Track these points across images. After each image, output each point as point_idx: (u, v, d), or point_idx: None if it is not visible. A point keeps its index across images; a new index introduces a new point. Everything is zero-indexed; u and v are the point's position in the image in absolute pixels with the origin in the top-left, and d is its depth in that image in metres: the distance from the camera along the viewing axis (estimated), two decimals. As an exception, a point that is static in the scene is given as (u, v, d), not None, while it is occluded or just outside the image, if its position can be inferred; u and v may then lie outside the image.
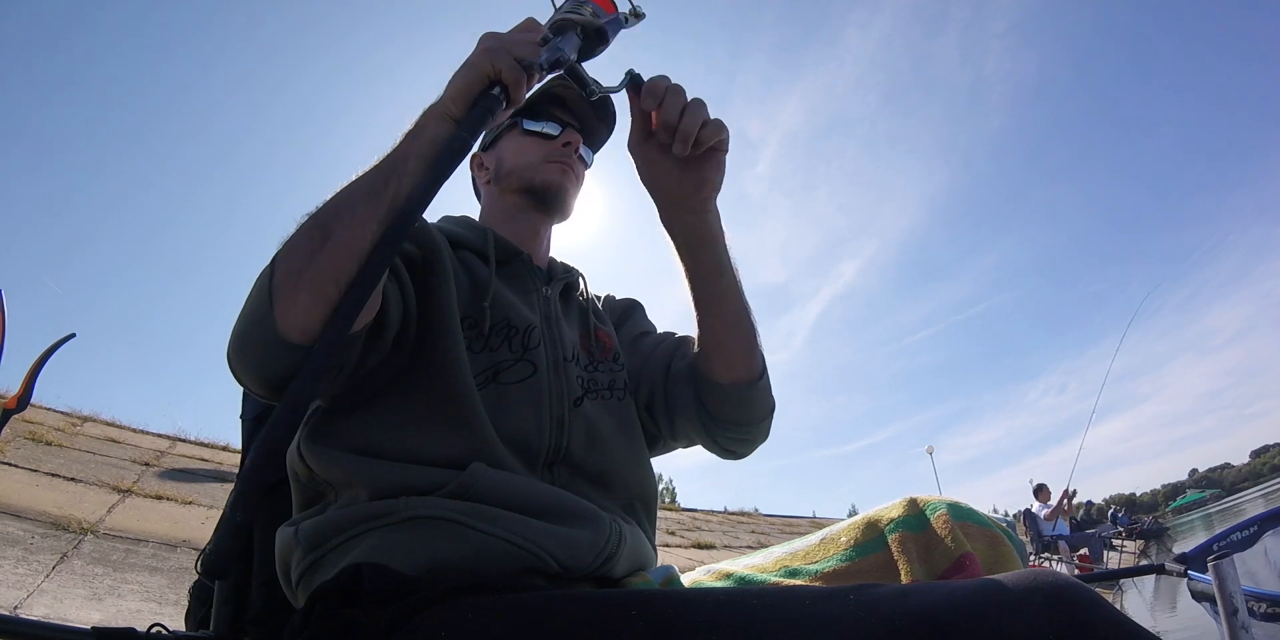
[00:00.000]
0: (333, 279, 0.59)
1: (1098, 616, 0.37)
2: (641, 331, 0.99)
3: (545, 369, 0.78)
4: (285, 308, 0.58)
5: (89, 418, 5.68)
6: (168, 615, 2.33)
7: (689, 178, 0.76)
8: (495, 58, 0.64)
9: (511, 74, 0.64)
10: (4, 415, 0.96)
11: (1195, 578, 1.40)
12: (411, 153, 0.64)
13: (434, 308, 0.74)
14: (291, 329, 0.58)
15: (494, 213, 0.94)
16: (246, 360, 0.60)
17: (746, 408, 0.84)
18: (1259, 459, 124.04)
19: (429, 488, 0.66)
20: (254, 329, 0.59)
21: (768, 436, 0.89)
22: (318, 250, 0.59)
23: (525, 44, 0.66)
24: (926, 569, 0.70)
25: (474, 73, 0.65)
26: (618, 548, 0.70)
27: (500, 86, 0.65)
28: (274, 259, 0.61)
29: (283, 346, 0.58)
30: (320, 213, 0.62)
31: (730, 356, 0.82)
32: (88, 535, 2.94)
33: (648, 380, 0.90)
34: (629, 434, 0.84)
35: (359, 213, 0.61)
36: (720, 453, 0.90)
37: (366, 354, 0.68)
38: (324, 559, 0.66)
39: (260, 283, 0.60)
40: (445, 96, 0.66)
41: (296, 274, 0.59)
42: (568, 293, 0.93)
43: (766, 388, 0.85)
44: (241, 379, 0.62)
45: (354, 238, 0.60)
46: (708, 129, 0.71)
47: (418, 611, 0.53)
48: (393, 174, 0.63)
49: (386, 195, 0.62)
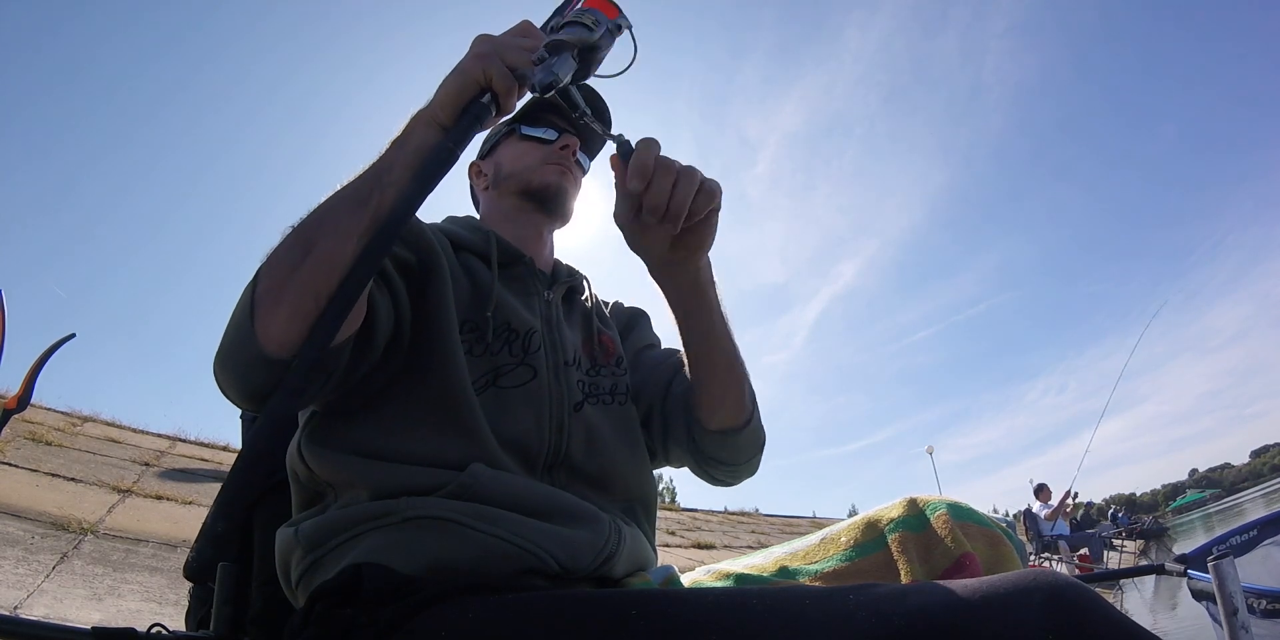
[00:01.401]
0: (312, 294, 0.58)
1: (1098, 616, 0.37)
2: (646, 344, 0.99)
3: (545, 373, 0.78)
4: (265, 323, 0.58)
5: (89, 418, 5.68)
6: (168, 615, 2.32)
7: (681, 243, 0.73)
8: (487, 64, 0.63)
9: (503, 82, 0.63)
10: (4, 415, 0.96)
11: (1195, 577, 1.40)
12: (397, 162, 0.63)
13: (431, 313, 0.74)
14: (271, 343, 0.57)
15: (494, 217, 0.94)
16: (229, 374, 0.60)
17: (734, 451, 0.85)
18: (1259, 459, 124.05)
19: (429, 488, 0.66)
20: (236, 343, 0.59)
21: (755, 472, 0.90)
22: (299, 264, 0.59)
23: (518, 50, 0.65)
24: (926, 569, 0.70)
25: (464, 79, 0.64)
26: (617, 548, 0.70)
27: (491, 94, 0.64)
28: (258, 271, 0.61)
29: (262, 361, 0.58)
30: (304, 224, 0.62)
31: (717, 405, 0.82)
32: (88, 535, 2.94)
33: (646, 399, 0.90)
34: (629, 438, 0.84)
35: (341, 225, 0.60)
36: (709, 481, 0.91)
37: (355, 363, 0.68)
38: (324, 559, 0.66)
39: (244, 295, 0.60)
40: (434, 102, 0.65)
41: (278, 288, 0.59)
42: (571, 296, 0.93)
43: (754, 431, 0.86)
44: (225, 391, 0.62)
45: (335, 252, 0.59)
46: (700, 199, 0.68)
47: (418, 612, 0.53)
48: (376, 184, 0.62)
49: (369, 206, 0.61)
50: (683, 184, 0.67)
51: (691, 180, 0.67)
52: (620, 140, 0.71)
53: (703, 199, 0.68)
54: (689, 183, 0.67)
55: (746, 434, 0.84)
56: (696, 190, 0.67)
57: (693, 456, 0.87)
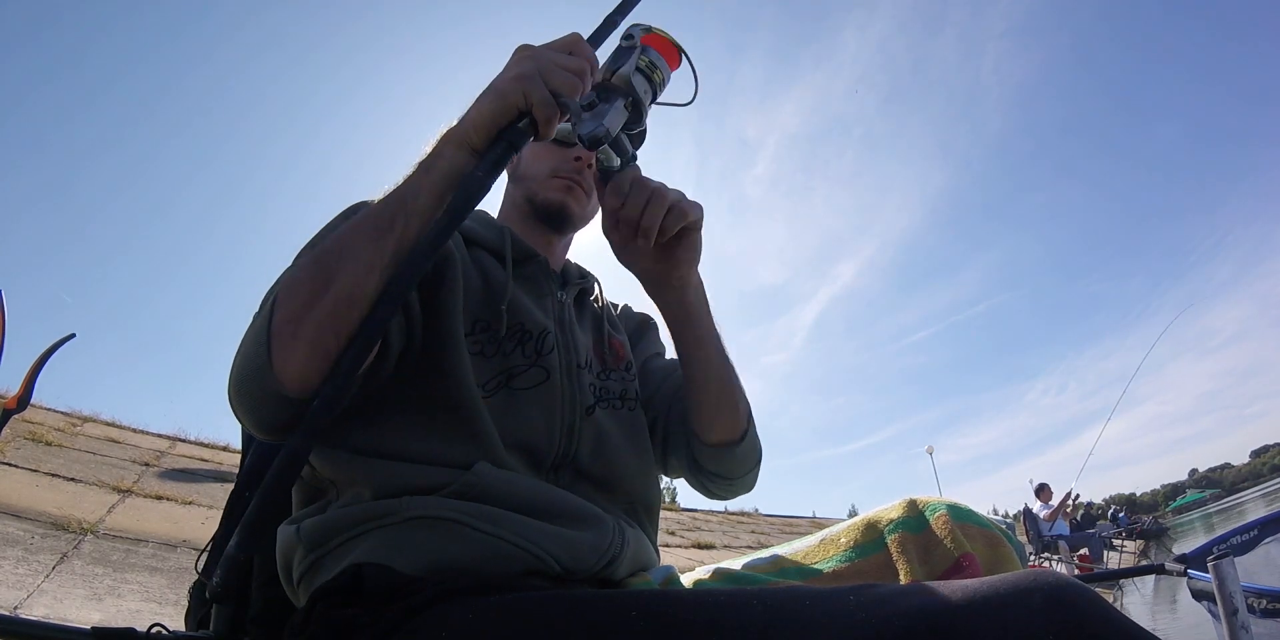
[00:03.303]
0: (333, 331, 0.56)
1: (1098, 616, 0.37)
2: (654, 353, 0.99)
3: (558, 376, 0.77)
4: (283, 358, 0.56)
5: (89, 418, 5.67)
6: (168, 615, 2.32)
7: (662, 258, 0.77)
8: (529, 88, 0.59)
9: (544, 110, 0.59)
10: (4, 415, 0.96)
11: (1195, 577, 1.40)
12: (423, 188, 0.61)
13: (440, 313, 0.73)
14: (290, 382, 0.56)
15: (511, 212, 0.93)
16: (244, 406, 0.59)
17: (729, 465, 0.86)
18: (1259, 459, 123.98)
19: (432, 487, 0.66)
20: (252, 376, 0.57)
21: (752, 488, 0.91)
22: (319, 297, 0.57)
23: (564, 73, 0.60)
24: (926, 570, 0.70)
25: (502, 103, 0.60)
26: (620, 550, 0.70)
27: (529, 119, 0.60)
28: (275, 296, 0.59)
29: (280, 399, 0.57)
30: (324, 251, 0.60)
31: (711, 421, 0.83)
32: (88, 535, 2.94)
33: (652, 410, 0.90)
34: (638, 444, 0.84)
35: (363, 257, 0.58)
36: (705, 494, 0.92)
37: (367, 381, 0.67)
38: (325, 558, 0.66)
39: (260, 321, 0.58)
40: (466, 122, 0.62)
41: (295, 321, 0.57)
42: (582, 298, 0.92)
43: (751, 445, 0.86)
44: (241, 421, 0.61)
45: (356, 286, 0.57)
46: (670, 218, 0.72)
47: (419, 612, 0.53)
48: (400, 211, 0.60)
49: (393, 236, 0.59)
50: (654, 203, 0.71)
51: (662, 200, 0.72)
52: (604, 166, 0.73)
53: (672, 218, 0.72)
54: (659, 202, 0.72)
55: (742, 449, 0.85)
56: (668, 210, 0.71)
57: (690, 469, 0.88)
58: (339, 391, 0.55)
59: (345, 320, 0.56)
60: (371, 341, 0.56)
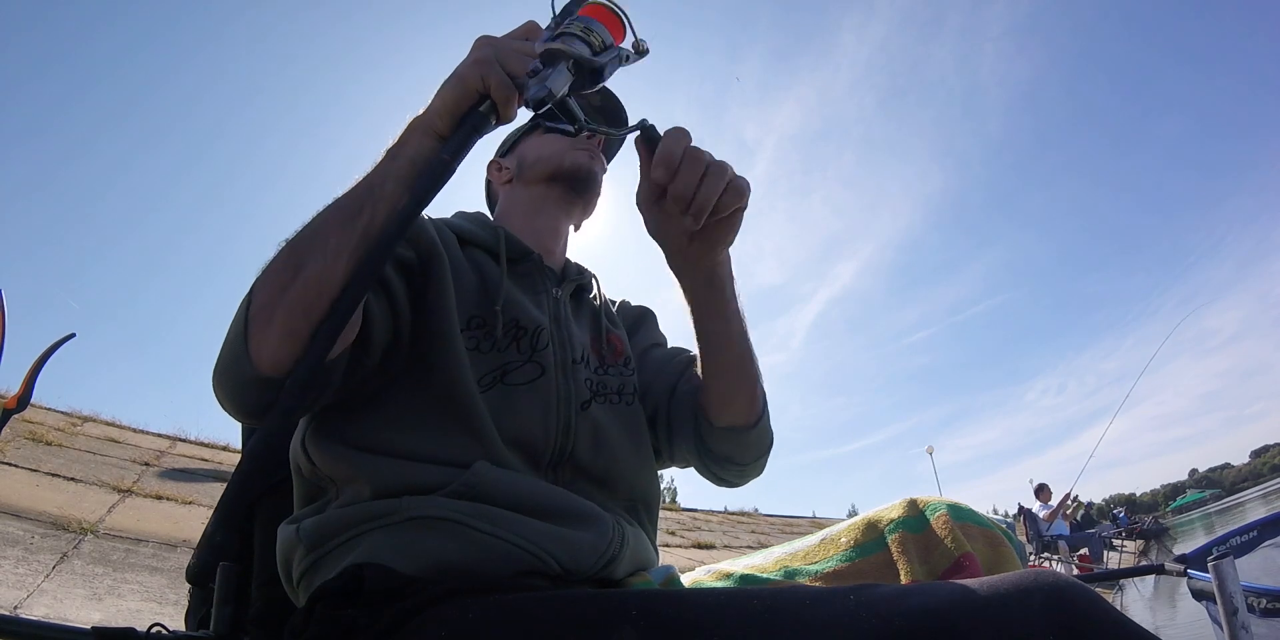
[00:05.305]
0: (303, 314, 0.57)
1: (1098, 616, 0.37)
2: (653, 343, 0.99)
3: (553, 371, 0.77)
4: (258, 342, 0.58)
5: (89, 418, 5.67)
6: (168, 615, 2.32)
7: (702, 238, 0.71)
8: (486, 71, 0.61)
9: (502, 91, 0.61)
10: (4, 415, 0.96)
11: (1195, 577, 1.40)
12: (390, 174, 0.62)
13: (433, 310, 0.73)
14: (264, 363, 0.57)
15: (514, 210, 0.93)
16: (224, 390, 0.60)
17: (742, 449, 0.85)
18: (1259, 459, 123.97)
19: (431, 486, 0.66)
20: (230, 361, 0.59)
21: (761, 473, 0.89)
22: (289, 283, 0.58)
23: (520, 56, 0.62)
24: (926, 569, 0.70)
25: (462, 87, 0.62)
26: (620, 550, 0.70)
27: (490, 102, 0.61)
28: (252, 287, 0.60)
29: (256, 380, 0.58)
30: (296, 240, 0.61)
31: (729, 402, 0.81)
32: (88, 535, 2.94)
33: (652, 398, 0.90)
34: (636, 439, 0.84)
35: (331, 243, 0.59)
36: (714, 481, 0.90)
37: (352, 369, 0.67)
38: (325, 558, 0.66)
39: (239, 311, 0.60)
40: (431, 109, 0.64)
41: (269, 307, 0.58)
42: (579, 294, 0.92)
43: (764, 430, 0.85)
44: (222, 406, 0.62)
45: (325, 271, 0.58)
46: (727, 196, 0.65)
47: (418, 612, 0.53)
48: (369, 198, 0.61)
49: (360, 222, 0.60)
50: (711, 178, 0.64)
51: (721, 176, 0.65)
52: (644, 125, 0.68)
53: (730, 196, 0.65)
54: (718, 178, 0.64)
55: (756, 433, 0.83)
56: (725, 187, 0.65)
57: (699, 455, 0.86)
58: (312, 373, 0.56)
59: (315, 304, 0.58)
60: (342, 322, 0.57)
